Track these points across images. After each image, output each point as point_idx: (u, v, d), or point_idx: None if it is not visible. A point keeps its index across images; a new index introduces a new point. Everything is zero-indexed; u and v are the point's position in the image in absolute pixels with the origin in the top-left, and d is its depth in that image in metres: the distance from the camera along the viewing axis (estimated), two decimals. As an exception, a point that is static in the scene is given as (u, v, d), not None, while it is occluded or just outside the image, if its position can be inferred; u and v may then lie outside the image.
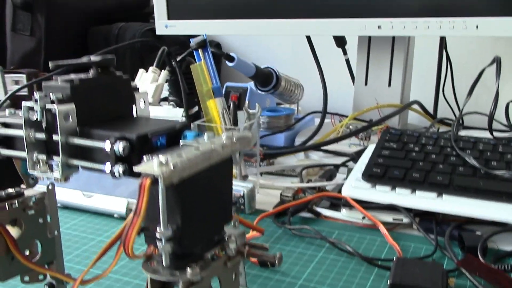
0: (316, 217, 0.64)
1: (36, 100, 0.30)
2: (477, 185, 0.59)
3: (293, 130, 0.94)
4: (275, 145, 0.90)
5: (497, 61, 0.66)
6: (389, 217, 0.60)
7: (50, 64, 0.30)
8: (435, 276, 0.46)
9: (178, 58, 0.84)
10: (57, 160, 0.30)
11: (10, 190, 0.37)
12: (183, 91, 0.85)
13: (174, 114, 0.70)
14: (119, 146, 0.27)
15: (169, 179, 0.22)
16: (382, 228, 0.57)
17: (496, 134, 0.88)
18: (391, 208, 0.61)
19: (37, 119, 0.30)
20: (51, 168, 0.31)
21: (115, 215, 0.65)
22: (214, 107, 0.69)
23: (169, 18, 0.96)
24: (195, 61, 0.93)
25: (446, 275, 0.47)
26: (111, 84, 0.33)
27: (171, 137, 0.30)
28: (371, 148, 0.73)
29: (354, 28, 0.80)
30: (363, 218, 0.61)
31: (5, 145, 0.33)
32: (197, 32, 0.98)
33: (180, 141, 0.29)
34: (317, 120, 1.03)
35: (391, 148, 0.69)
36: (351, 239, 0.58)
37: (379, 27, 0.79)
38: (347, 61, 1.01)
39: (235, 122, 0.68)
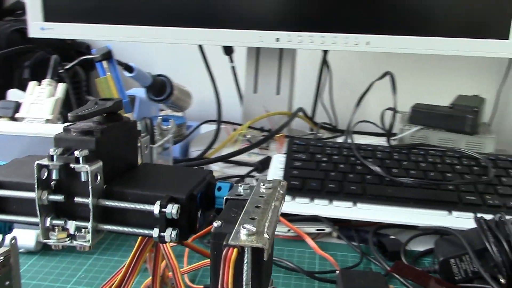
0: (240, 233, 0.64)
1: (52, 158, 0.26)
2: (386, 192, 0.64)
3: (185, 139, 0.92)
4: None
5: (391, 76, 0.73)
6: (312, 228, 0.63)
7: (70, 116, 0.26)
8: (381, 286, 0.49)
9: (67, 66, 0.77)
10: (80, 225, 0.26)
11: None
12: (74, 103, 0.78)
13: (82, 132, 0.64)
14: (172, 209, 0.25)
15: (268, 250, 0.21)
16: (310, 241, 0.59)
17: (371, 137, 0.97)
18: (311, 218, 0.63)
19: (49, 178, 0.26)
20: (70, 235, 0.27)
21: (22, 250, 0.57)
22: (124, 123, 0.65)
23: (45, 20, 0.87)
24: (83, 69, 0.87)
25: (386, 283, 0.51)
26: (124, 131, 0.29)
27: (207, 189, 0.28)
28: (277, 158, 0.76)
29: (253, 39, 0.81)
30: (288, 230, 0.63)
31: (-6, 209, 0.28)
32: (78, 37, 0.91)
33: (224, 196, 0.27)
34: (203, 128, 1.02)
35: (301, 159, 0.72)
36: (282, 253, 0.60)
37: (277, 39, 0.81)
38: (233, 69, 1.02)
39: (152, 141, 0.64)
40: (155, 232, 0.26)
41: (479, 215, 0.61)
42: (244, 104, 0.98)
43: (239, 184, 0.28)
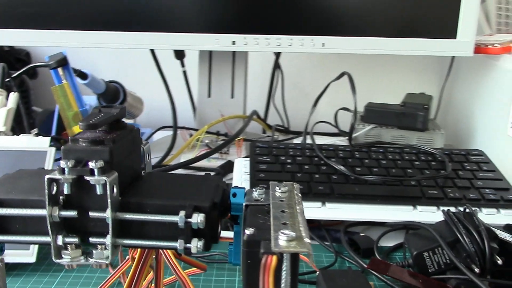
0: (210, 239, 0.63)
1: (63, 171, 0.23)
2: (353, 191, 0.65)
3: (140, 147, 0.90)
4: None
5: (349, 76, 0.74)
6: (284, 230, 0.63)
7: (81, 125, 0.24)
8: (363, 283, 0.50)
9: (14, 75, 0.73)
10: (97, 241, 0.24)
11: None
12: (23, 113, 0.74)
13: (39, 144, 0.60)
14: (198, 219, 0.23)
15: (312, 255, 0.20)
16: (284, 243, 0.59)
17: (326, 137, 0.99)
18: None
19: (58, 193, 0.24)
20: (85, 253, 0.25)
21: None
22: (84, 132, 0.62)
23: (-16, 26, 0.81)
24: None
25: (367, 279, 0.51)
26: (130, 139, 0.27)
27: (223, 196, 0.26)
28: (239, 162, 0.75)
29: (209, 42, 0.80)
30: (260, 234, 0.62)
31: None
32: (21, 43, 0.87)
33: (243, 202, 0.26)
34: (156, 135, 1.00)
35: (266, 162, 0.71)
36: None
37: (233, 42, 0.80)
38: (184, 73, 1.00)
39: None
40: (180, 244, 0.25)
41: (442, 208, 0.63)
42: (198, 108, 0.96)
43: (253, 189, 0.27)
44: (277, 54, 1.00)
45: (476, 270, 0.50)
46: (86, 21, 0.81)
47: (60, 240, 0.25)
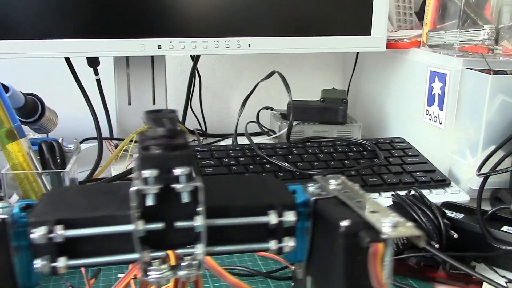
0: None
1: (145, 180, 0.21)
2: (302, 186, 0.67)
3: (61, 162, 0.84)
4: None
5: (280, 75, 0.76)
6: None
7: (162, 130, 0.21)
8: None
9: None
10: (185, 253, 0.22)
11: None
12: None
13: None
14: (289, 216, 0.23)
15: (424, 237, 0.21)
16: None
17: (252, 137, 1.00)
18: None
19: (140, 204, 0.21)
20: (172, 267, 0.22)
21: None
22: (20, 150, 0.57)
23: None
24: None
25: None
26: None
27: None
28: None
29: (135, 47, 0.77)
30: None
31: (65, 253, 0.22)
32: None
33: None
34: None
35: (211, 166, 0.71)
36: (221, 261, 0.58)
37: (159, 47, 0.78)
38: (98, 82, 0.95)
39: (63, 165, 0.57)
40: (272, 245, 0.24)
41: (383, 194, 0.68)
42: (119, 117, 0.92)
43: (308, 185, 0.27)
44: (196, 58, 0.99)
45: (437, 245, 0.54)
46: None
47: (147, 256, 0.23)
